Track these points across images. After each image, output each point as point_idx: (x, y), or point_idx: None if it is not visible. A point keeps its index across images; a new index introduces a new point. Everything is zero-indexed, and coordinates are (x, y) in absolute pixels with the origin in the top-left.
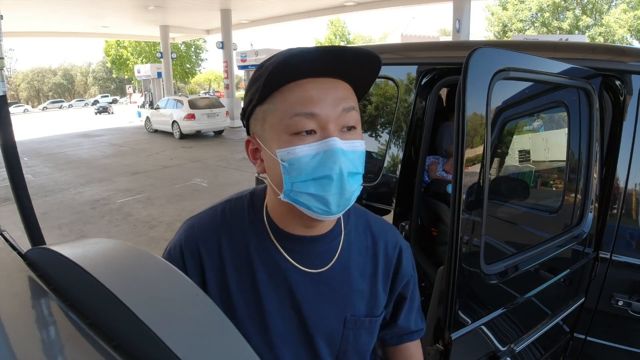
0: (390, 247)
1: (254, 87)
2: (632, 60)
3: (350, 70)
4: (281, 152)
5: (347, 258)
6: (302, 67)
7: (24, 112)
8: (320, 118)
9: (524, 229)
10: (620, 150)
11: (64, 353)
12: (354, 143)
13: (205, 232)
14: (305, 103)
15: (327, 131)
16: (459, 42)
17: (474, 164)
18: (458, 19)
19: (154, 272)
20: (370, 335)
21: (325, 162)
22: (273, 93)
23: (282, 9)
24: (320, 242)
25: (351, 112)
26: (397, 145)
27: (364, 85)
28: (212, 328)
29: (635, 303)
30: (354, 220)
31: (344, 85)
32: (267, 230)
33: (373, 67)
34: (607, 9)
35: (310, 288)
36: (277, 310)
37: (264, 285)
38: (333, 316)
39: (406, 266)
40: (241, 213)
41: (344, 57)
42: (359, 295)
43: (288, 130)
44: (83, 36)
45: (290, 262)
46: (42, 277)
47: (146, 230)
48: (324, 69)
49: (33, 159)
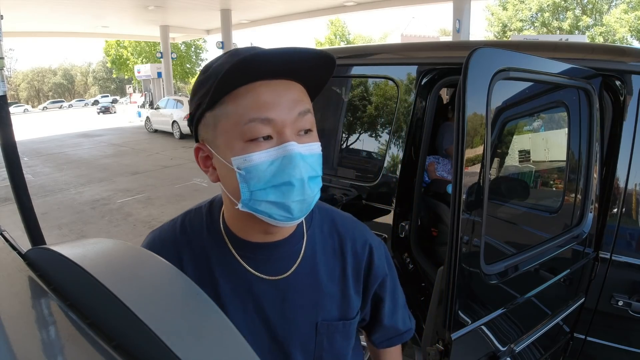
0: (359, 246)
1: (202, 91)
2: (632, 61)
3: (304, 71)
4: (237, 160)
5: (312, 261)
6: (255, 70)
7: (23, 112)
8: (276, 123)
9: (524, 229)
10: (620, 150)
11: (64, 353)
12: (312, 146)
13: (166, 245)
14: (259, 108)
15: (284, 136)
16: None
17: (474, 164)
18: (458, 19)
19: (154, 272)
20: (346, 339)
21: (284, 168)
22: (224, 97)
23: (282, 9)
24: (282, 247)
25: (307, 115)
26: (397, 145)
27: (318, 85)
28: (212, 328)
29: (635, 303)
30: (319, 220)
31: (297, 87)
32: (225, 240)
33: (328, 68)
34: (607, 9)
35: (276, 296)
36: (243, 322)
37: (227, 297)
38: (303, 322)
39: (379, 265)
40: (200, 224)
41: (298, 58)
42: (330, 299)
43: (243, 136)
44: (83, 36)
45: (251, 271)
46: (42, 277)
47: (146, 230)
48: (278, 71)
49: (33, 159)
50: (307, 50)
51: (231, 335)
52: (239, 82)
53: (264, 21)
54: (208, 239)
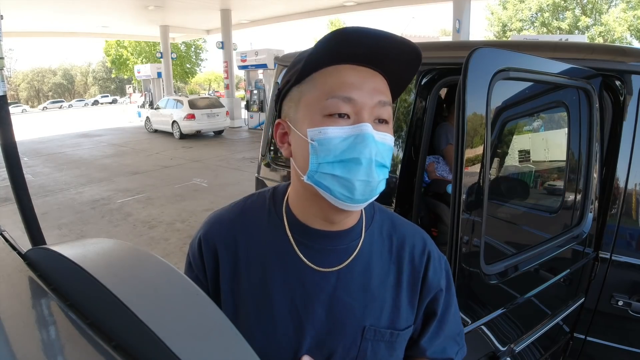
0: (417, 254)
1: (294, 69)
2: (632, 60)
3: (391, 63)
4: (312, 132)
5: (367, 260)
6: (345, 50)
7: (22, 112)
8: (356, 103)
9: (524, 229)
10: (620, 150)
11: (64, 353)
12: (385, 136)
13: (223, 225)
14: (343, 87)
15: (362, 117)
16: (458, 42)
17: (474, 164)
18: (458, 19)
19: (154, 272)
20: (390, 351)
21: (355, 146)
22: (312, 74)
23: (282, 8)
24: (339, 239)
25: (386, 106)
26: (397, 145)
27: (400, 83)
28: (212, 328)
29: (635, 303)
30: (379, 221)
31: (382, 78)
32: (285, 225)
33: (412, 64)
34: (607, 8)
35: (325, 289)
36: (287, 313)
37: (275, 283)
38: (350, 324)
39: (433, 277)
40: (261, 207)
41: (390, 46)
42: (380, 304)
43: (322, 111)
44: (83, 36)
45: (304, 260)
46: (42, 277)
47: (146, 230)
48: (367, 56)
49: (33, 159)
50: (400, 38)
51: (231, 335)
52: (329, 60)
53: (263, 21)
54: (267, 222)
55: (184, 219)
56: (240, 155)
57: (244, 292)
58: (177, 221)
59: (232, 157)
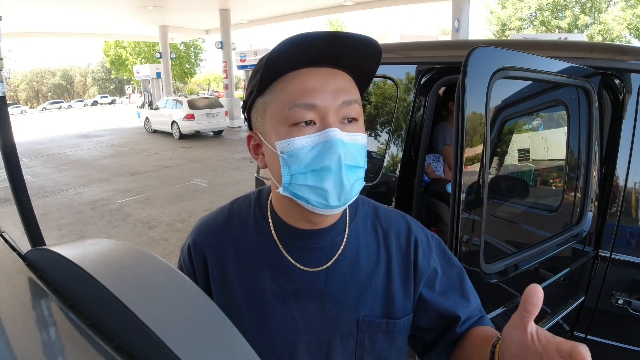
0: (403, 240)
1: (254, 79)
2: (631, 59)
3: (350, 59)
4: (280, 144)
5: (353, 254)
6: (301, 55)
7: (21, 113)
8: (320, 109)
9: (523, 228)
10: (620, 148)
11: (64, 353)
12: (355, 135)
13: (211, 230)
14: (304, 93)
15: (327, 122)
16: (458, 41)
17: (474, 163)
18: (457, 18)
19: (154, 272)
20: (389, 340)
21: (324, 153)
22: (272, 83)
23: (281, 8)
24: (324, 236)
25: (353, 104)
26: (397, 145)
27: (366, 76)
28: (212, 328)
29: (635, 301)
30: (362, 214)
31: (344, 76)
32: (270, 226)
33: (374, 57)
34: (606, 7)
35: (316, 288)
36: (280, 311)
37: (266, 284)
38: (344, 319)
39: (423, 260)
40: (247, 211)
41: (345, 43)
42: (372, 295)
43: (287, 121)
44: (82, 36)
45: (292, 262)
46: (42, 278)
47: (146, 230)
48: (324, 57)
49: (33, 160)
50: (351, 34)
51: (231, 335)
52: (285, 67)
53: (263, 21)
54: (253, 224)
55: (183, 219)
56: (239, 155)
57: (236, 295)
58: (176, 221)
59: (231, 157)
